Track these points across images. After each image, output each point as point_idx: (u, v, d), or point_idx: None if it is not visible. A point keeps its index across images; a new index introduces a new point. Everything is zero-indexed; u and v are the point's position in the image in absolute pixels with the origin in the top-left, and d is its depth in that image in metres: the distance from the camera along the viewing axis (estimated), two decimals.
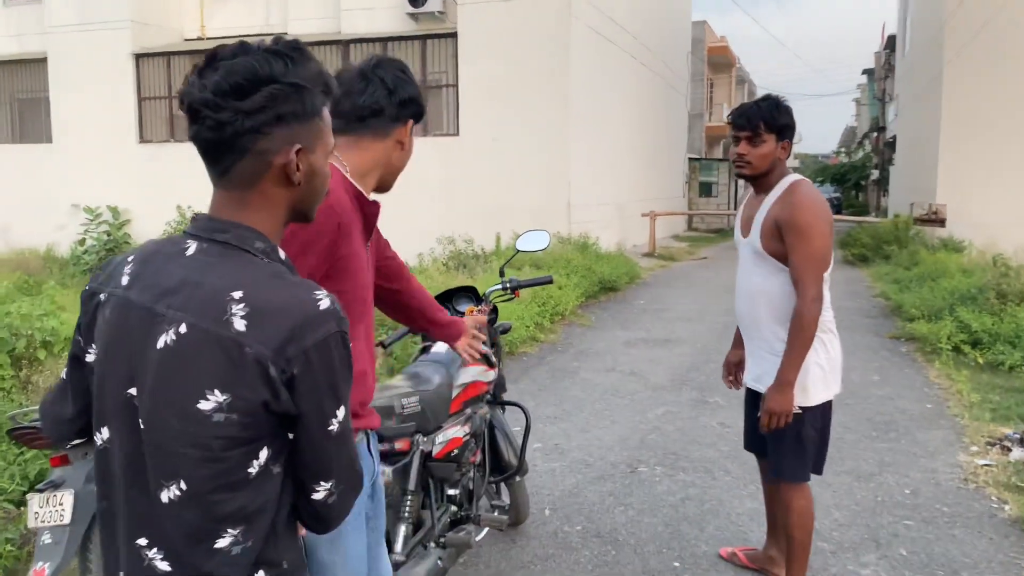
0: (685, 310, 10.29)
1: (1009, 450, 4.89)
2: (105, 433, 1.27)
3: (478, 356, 2.67)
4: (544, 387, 6.46)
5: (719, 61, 35.89)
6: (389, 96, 1.87)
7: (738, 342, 3.26)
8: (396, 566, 2.55)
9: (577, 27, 13.15)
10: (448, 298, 3.56)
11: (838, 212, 36.69)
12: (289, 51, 1.24)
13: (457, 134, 13.63)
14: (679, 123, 24.22)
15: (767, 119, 2.69)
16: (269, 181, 1.24)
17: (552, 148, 12.99)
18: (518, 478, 3.54)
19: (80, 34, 15.45)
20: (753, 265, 2.81)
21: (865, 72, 40.70)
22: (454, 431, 2.90)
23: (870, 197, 37.97)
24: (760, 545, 3.51)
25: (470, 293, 3.57)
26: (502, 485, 3.67)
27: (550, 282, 3.54)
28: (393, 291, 2.28)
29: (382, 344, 3.12)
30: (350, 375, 1.24)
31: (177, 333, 1.17)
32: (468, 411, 3.07)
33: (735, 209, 24.99)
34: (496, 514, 3.28)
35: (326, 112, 1.31)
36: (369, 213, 1.85)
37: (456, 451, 2.93)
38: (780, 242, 2.70)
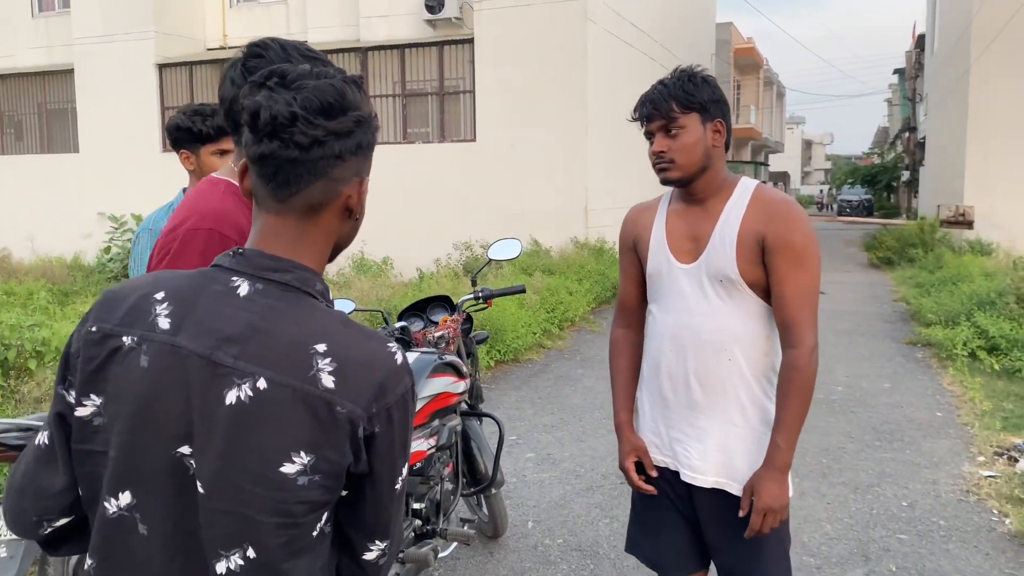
0: None
1: (1016, 460, 4.74)
2: (125, 499, 1.10)
3: None
4: (545, 395, 6.40)
5: (746, 63, 35.56)
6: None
7: (628, 421, 2.22)
8: None
9: (594, 31, 13.08)
10: (423, 308, 3.54)
11: (869, 215, 36.23)
12: (359, 81, 1.15)
13: (474, 140, 13.63)
14: None
15: (679, 97, 1.99)
16: (331, 212, 1.15)
17: (569, 153, 12.93)
18: (493, 490, 3.50)
19: (105, 45, 15.73)
20: (718, 301, 2.01)
21: (896, 72, 40.07)
22: (416, 444, 2.85)
23: (901, 199, 37.35)
24: None
25: (444, 303, 3.55)
26: (482, 497, 3.63)
27: (522, 291, 3.50)
28: None
29: None
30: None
31: (254, 389, 1.04)
32: (435, 423, 3.03)
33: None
34: (464, 528, 3.23)
35: None
36: None
37: (419, 464, 2.90)
38: (760, 267, 1.97)
